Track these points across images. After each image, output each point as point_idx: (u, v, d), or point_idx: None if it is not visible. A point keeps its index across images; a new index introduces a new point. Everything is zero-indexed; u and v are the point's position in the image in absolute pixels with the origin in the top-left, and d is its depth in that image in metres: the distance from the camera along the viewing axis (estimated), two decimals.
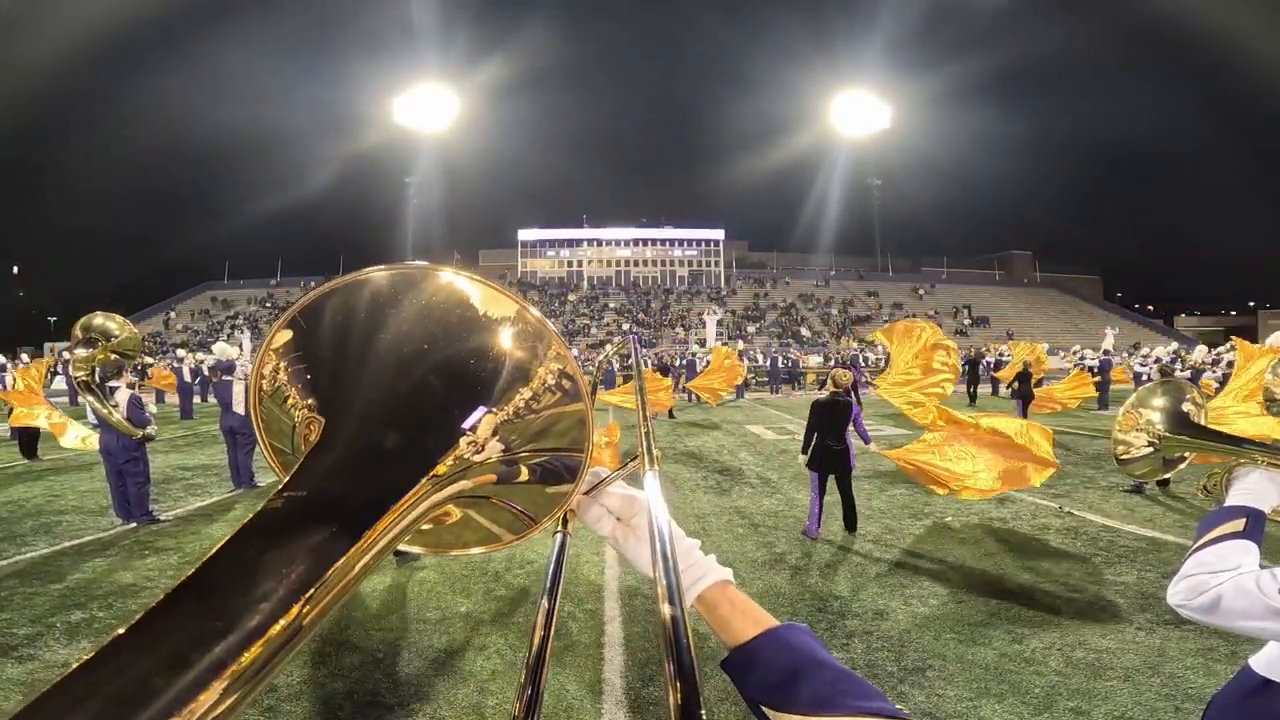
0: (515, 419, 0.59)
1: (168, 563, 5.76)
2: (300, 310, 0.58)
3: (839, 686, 0.58)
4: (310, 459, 0.51)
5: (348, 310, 0.58)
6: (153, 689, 0.29)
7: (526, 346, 0.59)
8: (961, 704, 3.45)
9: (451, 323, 0.57)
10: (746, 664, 0.63)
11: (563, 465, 0.65)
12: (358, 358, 0.56)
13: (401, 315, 0.57)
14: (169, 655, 0.31)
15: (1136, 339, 38.20)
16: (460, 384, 0.56)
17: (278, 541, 0.41)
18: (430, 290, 0.58)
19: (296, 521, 0.44)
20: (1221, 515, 1.47)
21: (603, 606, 4.73)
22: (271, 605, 0.36)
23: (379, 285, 0.58)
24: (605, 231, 65.00)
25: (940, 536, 6.32)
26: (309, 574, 0.39)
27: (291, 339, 0.58)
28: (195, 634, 0.33)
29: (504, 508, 0.66)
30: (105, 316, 6.82)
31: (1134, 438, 1.96)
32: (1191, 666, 3.73)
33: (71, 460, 10.72)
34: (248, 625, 0.34)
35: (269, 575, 0.38)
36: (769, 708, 0.59)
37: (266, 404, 0.60)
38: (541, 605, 0.65)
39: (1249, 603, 1.28)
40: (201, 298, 56.18)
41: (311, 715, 3.42)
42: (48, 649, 4.13)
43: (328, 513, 0.45)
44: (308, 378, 0.57)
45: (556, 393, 0.60)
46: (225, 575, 0.38)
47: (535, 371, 0.60)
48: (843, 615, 4.56)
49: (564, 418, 0.62)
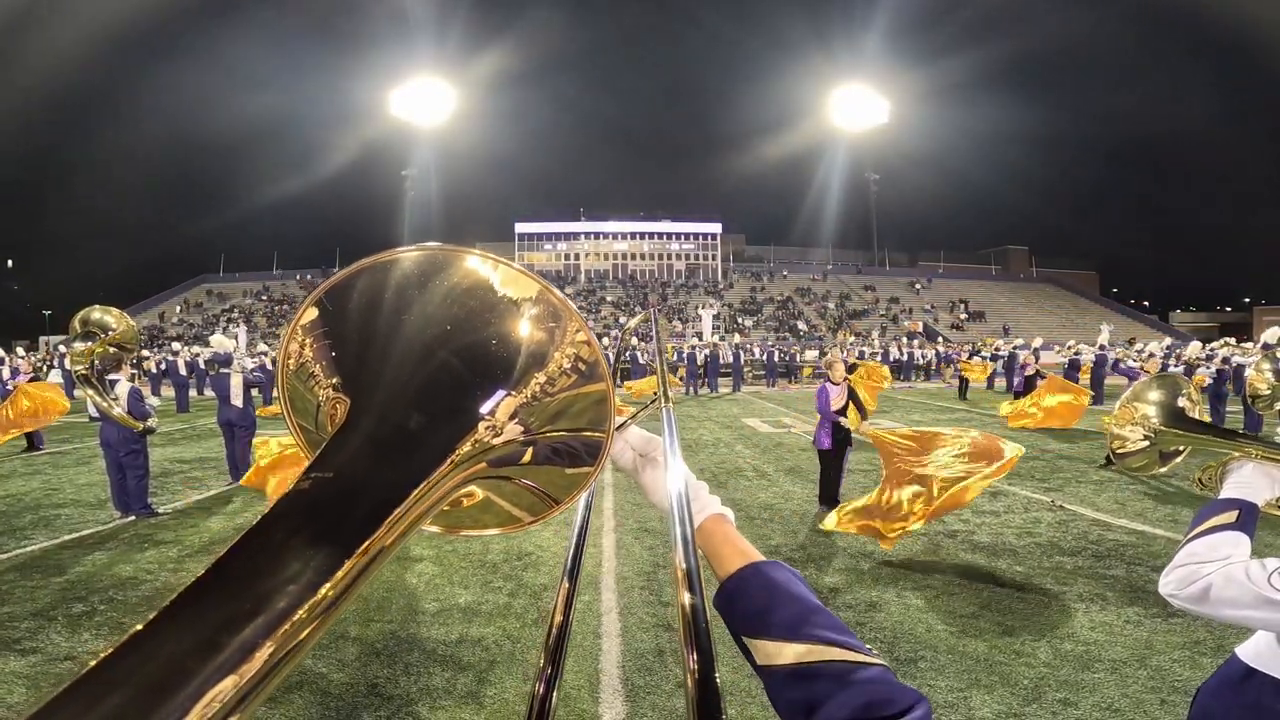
0: (537, 400, 0.59)
1: (167, 555, 5.79)
2: (329, 289, 0.59)
3: (811, 618, 0.61)
4: (336, 439, 0.51)
5: (375, 290, 0.58)
6: (186, 671, 0.30)
7: (549, 328, 0.59)
8: (952, 695, 3.51)
9: (475, 305, 0.58)
10: (731, 594, 0.67)
11: (583, 446, 0.65)
12: (384, 338, 0.56)
13: (427, 297, 0.57)
14: (200, 639, 0.32)
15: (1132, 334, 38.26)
16: (484, 366, 0.57)
17: (304, 524, 0.42)
18: (456, 272, 0.58)
19: (323, 503, 0.45)
20: (1214, 508, 1.50)
21: (599, 598, 4.78)
22: (299, 588, 0.36)
23: (406, 266, 0.58)
24: (602, 224, 64.84)
25: (932, 530, 6.38)
26: (335, 556, 0.39)
27: (319, 317, 0.59)
28: (225, 617, 0.33)
29: (525, 489, 0.66)
30: (103, 310, 6.82)
31: (1130, 432, 1.99)
32: (1178, 659, 3.79)
33: (69, 453, 10.72)
34: (276, 607, 0.35)
35: (296, 557, 0.38)
36: (748, 637, 0.63)
37: (292, 381, 0.60)
38: (562, 587, 0.67)
39: (1238, 592, 1.30)
40: (197, 291, 55.91)
41: (311, 706, 3.46)
42: (49, 642, 4.17)
43: (353, 494, 0.46)
44: (333, 356, 0.58)
45: (576, 374, 0.61)
46: (253, 558, 0.38)
47: (557, 352, 0.60)
48: (836, 607, 4.62)
49: (585, 398, 0.62)
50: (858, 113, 67.02)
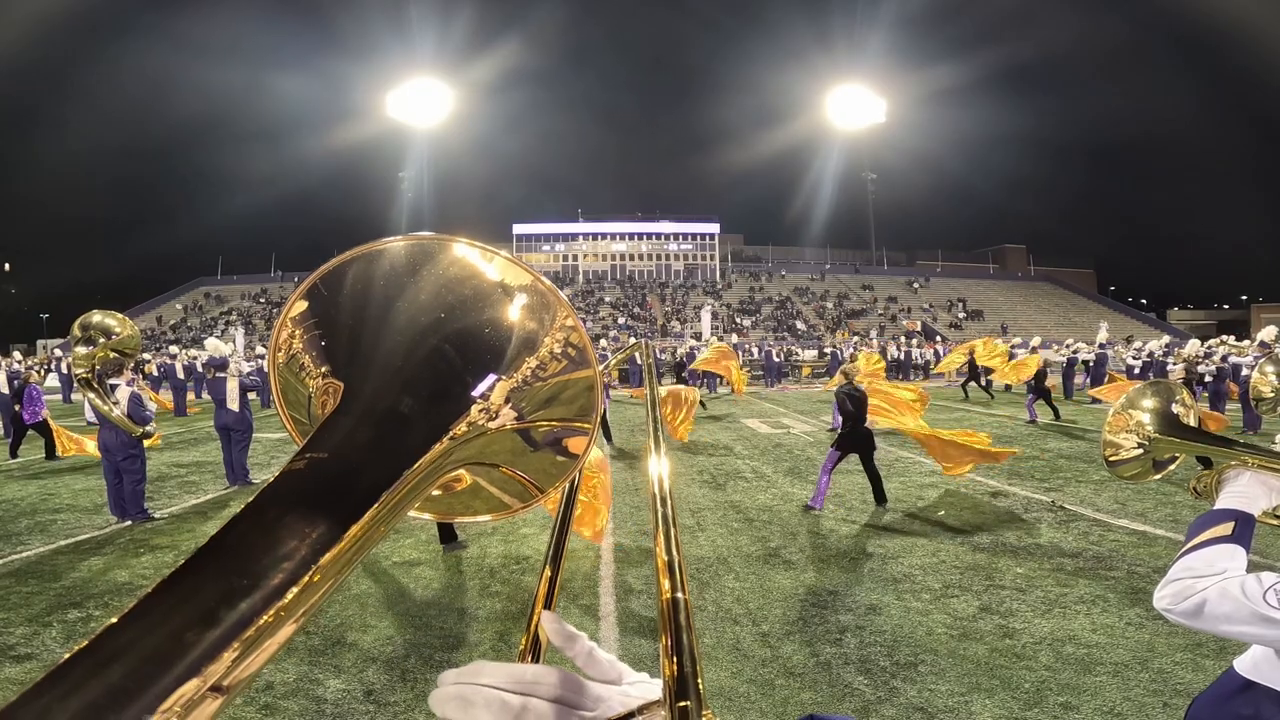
0: (529, 384, 0.60)
1: (163, 560, 5.76)
2: (319, 278, 0.59)
3: None
4: (329, 422, 0.52)
5: (365, 279, 0.58)
6: (185, 644, 0.30)
7: (538, 315, 0.60)
8: (953, 699, 3.49)
9: (466, 292, 0.58)
10: None
11: (570, 433, 0.66)
12: (375, 326, 0.57)
13: (418, 284, 0.58)
14: (198, 612, 0.32)
15: (1129, 332, 38.32)
16: (474, 352, 0.57)
17: (300, 502, 0.42)
18: (445, 260, 0.59)
19: (318, 482, 0.45)
20: (1210, 519, 1.48)
21: (598, 602, 4.76)
22: (294, 564, 0.37)
23: (395, 255, 0.59)
24: (600, 225, 64.83)
25: (933, 531, 6.37)
26: (330, 533, 0.40)
27: (309, 308, 0.59)
28: (222, 591, 0.34)
29: (513, 476, 0.66)
30: (104, 314, 6.77)
31: (1123, 439, 1.96)
32: (1180, 662, 3.78)
33: (65, 460, 10.69)
34: (272, 583, 0.35)
35: (292, 534, 0.39)
36: None
37: (283, 372, 0.61)
38: (544, 575, 0.66)
39: (1233, 608, 1.29)
40: (195, 293, 55.87)
41: (309, 712, 3.44)
42: (45, 648, 4.14)
43: (348, 473, 0.46)
44: (324, 345, 0.58)
45: (566, 359, 0.61)
46: (249, 535, 0.38)
47: (548, 337, 0.60)
48: (836, 610, 4.60)
49: (574, 384, 0.62)
50: (854, 112, 67.04)
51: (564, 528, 0.76)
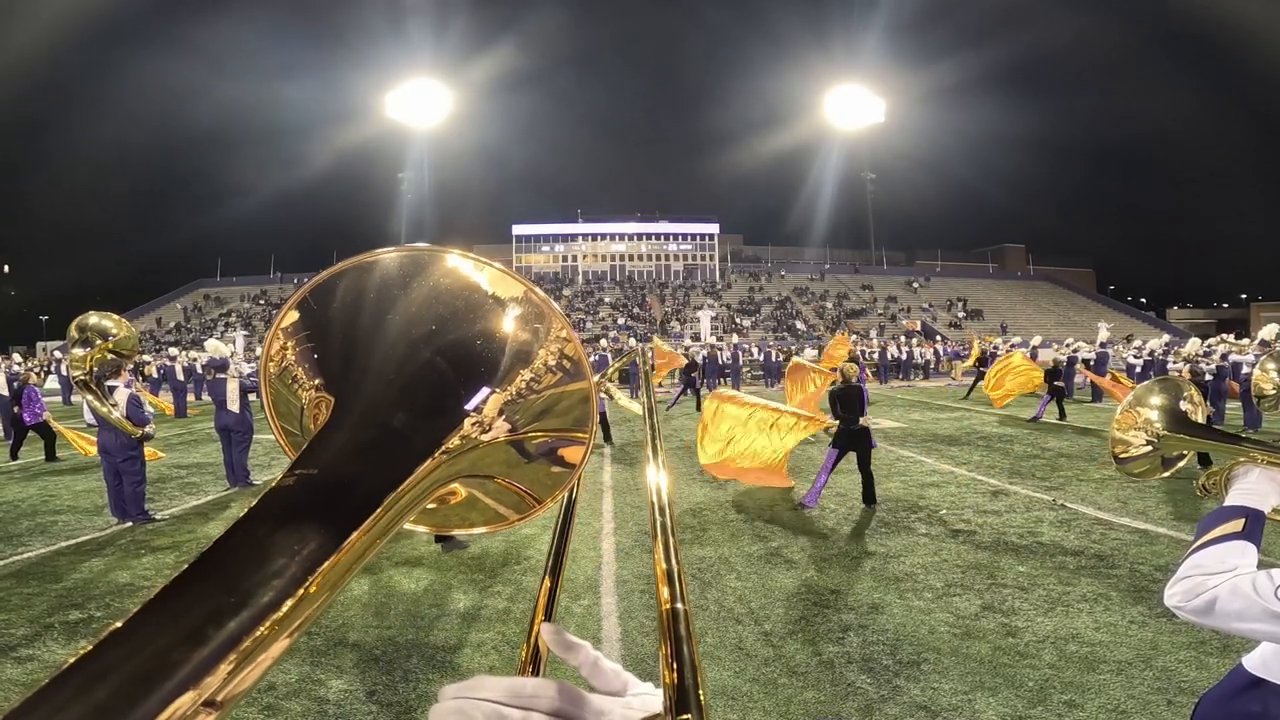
0: (522, 397, 0.59)
1: (164, 562, 5.75)
2: (310, 290, 0.59)
3: None
4: (320, 437, 0.51)
5: (357, 291, 0.58)
6: (172, 663, 0.30)
7: (531, 327, 0.60)
8: (956, 697, 3.48)
9: (458, 304, 0.58)
10: None
11: (567, 444, 0.65)
12: (367, 338, 0.56)
13: (410, 296, 0.57)
14: (186, 631, 0.32)
15: (1129, 331, 38.34)
16: (467, 364, 0.57)
17: (290, 518, 0.41)
18: (438, 272, 0.59)
19: (308, 499, 0.44)
20: (1220, 515, 1.47)
21: (599, 602, 4.75)
22: (284, 581, 0.36)
23: (388, 266, 0.58)
24: (600, 226, 64.82)
25: (934, 530, 6.36)
26: (321, 550, 0.39)
27: (300, 319, 0.59)
28: (210, 609, 0.33)
29: (508, 488, 0.66)
30: (101, 315, 6.76)
31: (1132, 436, 1.95)
32: (1184, 660, 3.77)
33: (65, 461, 10.68)
34: (261, 601, 0.35)
35: (282, 552, 0.38)
36: None
37: (275, 384, 0.60)
38: (544, 585, 0.66)
39: (1244, 605, 1.28)
40: (194, 295, 55.88)
41: (311, 712, 3.43)
42: (46, 649, 4.13)
43: (339, 490, 0.46)
44: (316, 358, 0.58)
45: (561, 371, 0.61)
46: (238, 552, 0.38)
47: (542, 350, 0.60)
48: (838, 609, 4.59)
49: (568, 396, 0.62)
50: (854, 112, 67.11)
51: (563, 538, 0.76)
